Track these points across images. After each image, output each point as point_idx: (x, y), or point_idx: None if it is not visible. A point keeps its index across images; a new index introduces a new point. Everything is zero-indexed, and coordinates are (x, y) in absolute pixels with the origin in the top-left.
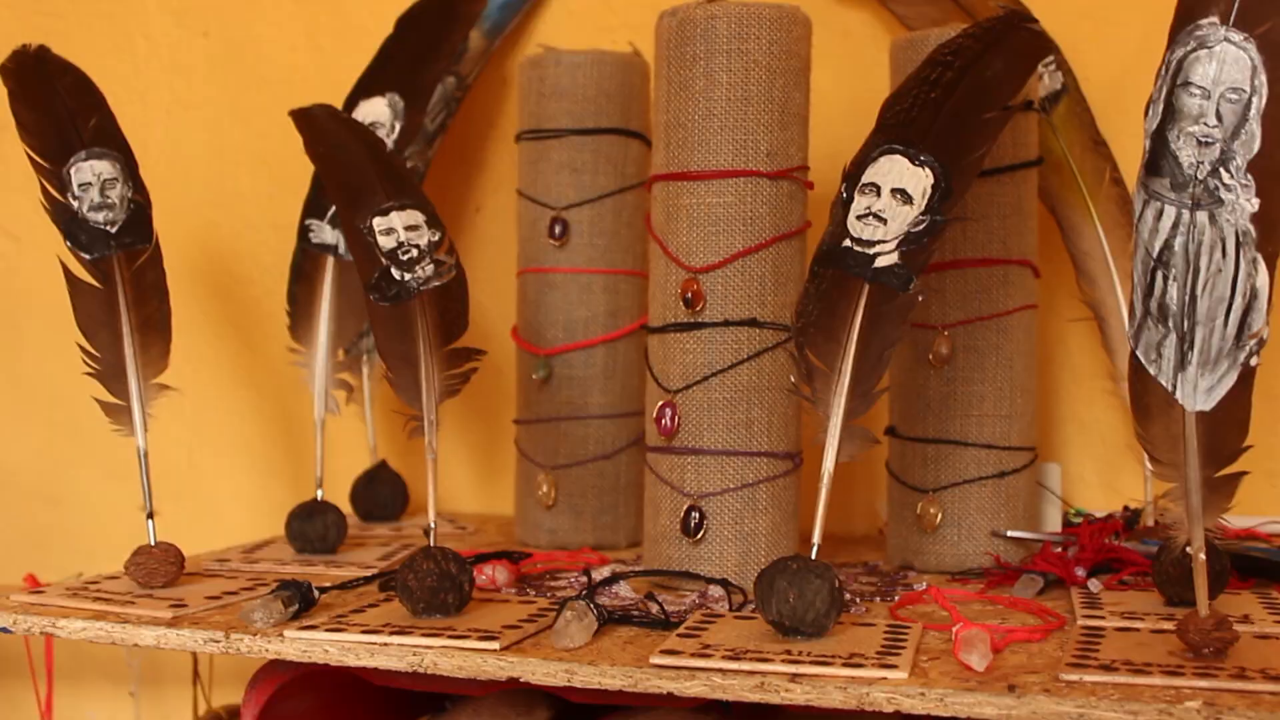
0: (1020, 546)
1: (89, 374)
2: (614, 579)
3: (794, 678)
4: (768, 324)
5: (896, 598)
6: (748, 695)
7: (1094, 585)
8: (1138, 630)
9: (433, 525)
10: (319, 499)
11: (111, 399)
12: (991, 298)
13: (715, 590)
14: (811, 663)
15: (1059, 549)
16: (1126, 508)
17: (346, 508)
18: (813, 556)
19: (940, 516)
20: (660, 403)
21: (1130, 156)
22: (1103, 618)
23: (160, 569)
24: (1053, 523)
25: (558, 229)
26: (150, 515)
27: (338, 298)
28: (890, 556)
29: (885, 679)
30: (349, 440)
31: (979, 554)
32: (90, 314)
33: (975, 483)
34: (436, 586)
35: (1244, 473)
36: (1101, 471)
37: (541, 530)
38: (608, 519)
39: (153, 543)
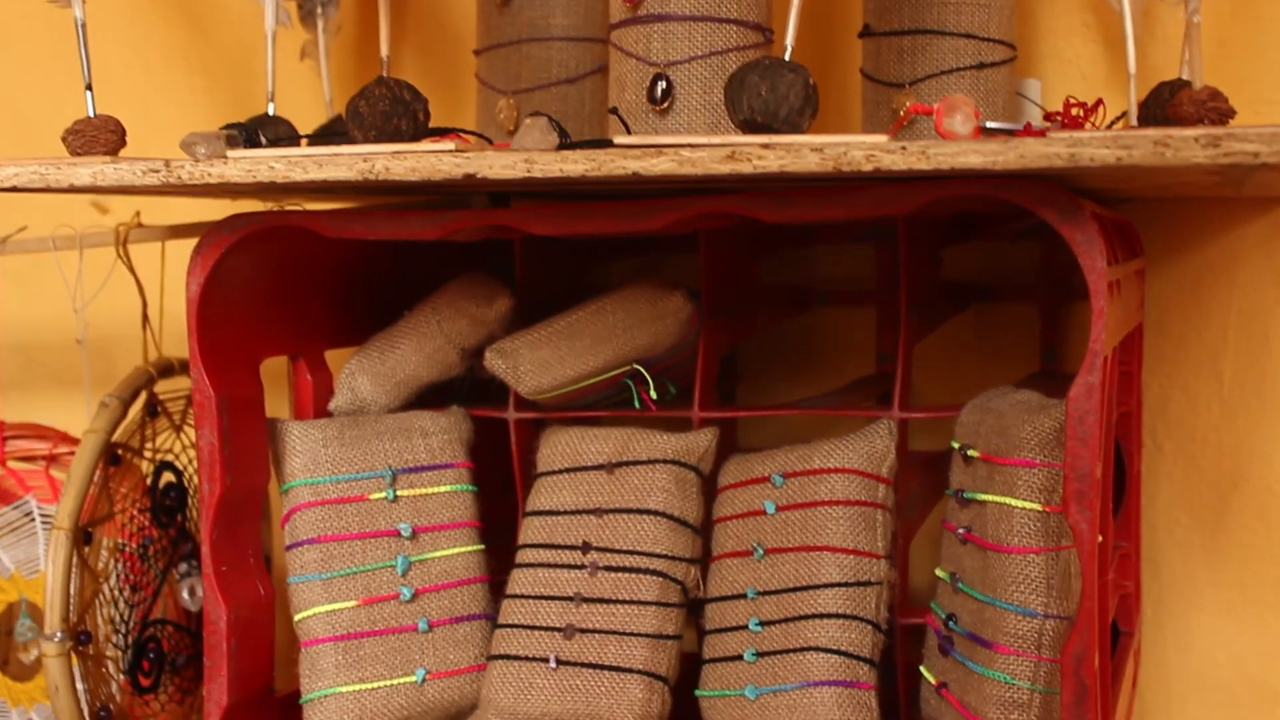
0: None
1: None
2: None
3: (766, 145)
4: None
5: None
6: (718, 167)
7: None
8: None
9: (384, 56)
10: (270, 113)
11: None
12: None
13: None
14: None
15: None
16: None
17: None
18: (786, 59)
19: None
20: None
21: None
22: None
23: (100, 137)
24: None
25: None
26: (89, 88)
27: None
28: None
29: (863, 141)
30: (306, 99)
31: None
32: None
33: (953, 74)
34: (389, 111)
35: None
36: None
37: None
38: None
39: (91, 114)
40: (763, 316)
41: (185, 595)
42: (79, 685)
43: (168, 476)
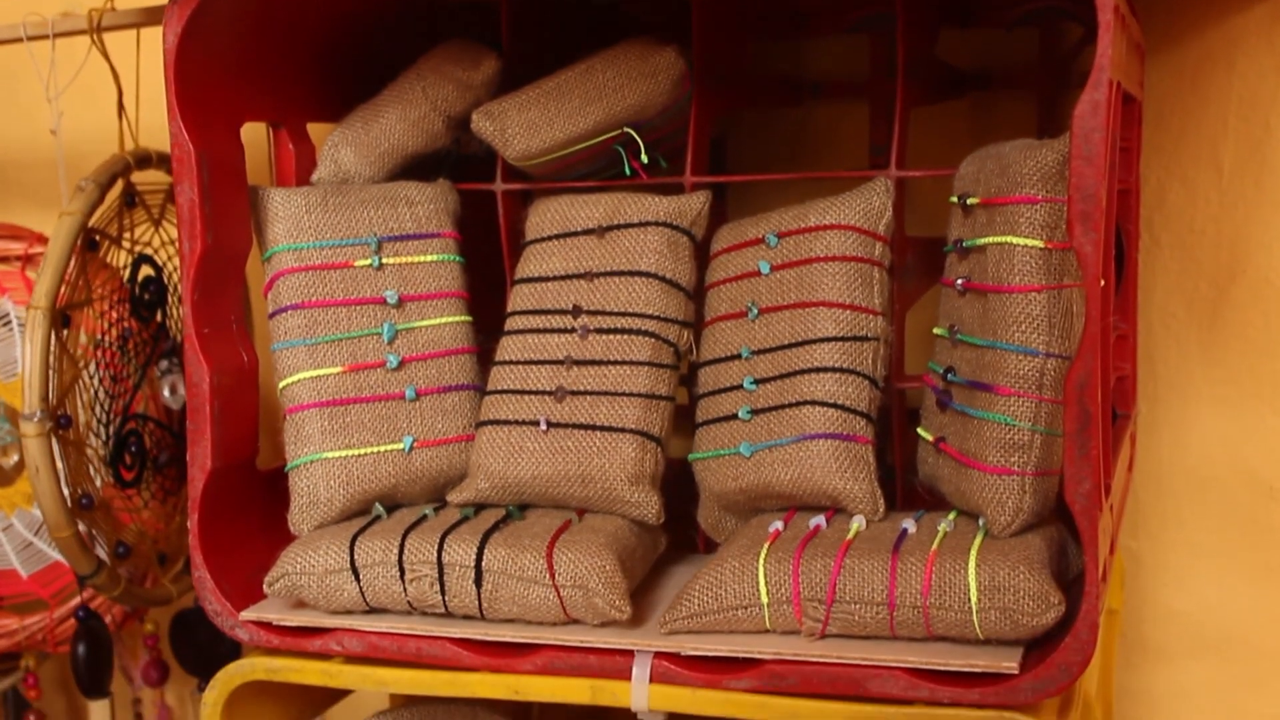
0: None
1: None
2: None
3: None
4: None
5: None
6: None
7: None
8: None
9: None
10: None
11: None
12: None
13: None
14: None
15: None
16: None
17: None
18: None
19: None
20: None
21: None
22: None
23: None
24: None
25: None
26: None
27: None
28: None
29: None
30: None
31: None
32: None
33: None
34: None
35: None
36: None
37: None
38: None
39: None
40: (754, 99)
41: (166, 392)
42: (60, 470)
43: (146, 270)
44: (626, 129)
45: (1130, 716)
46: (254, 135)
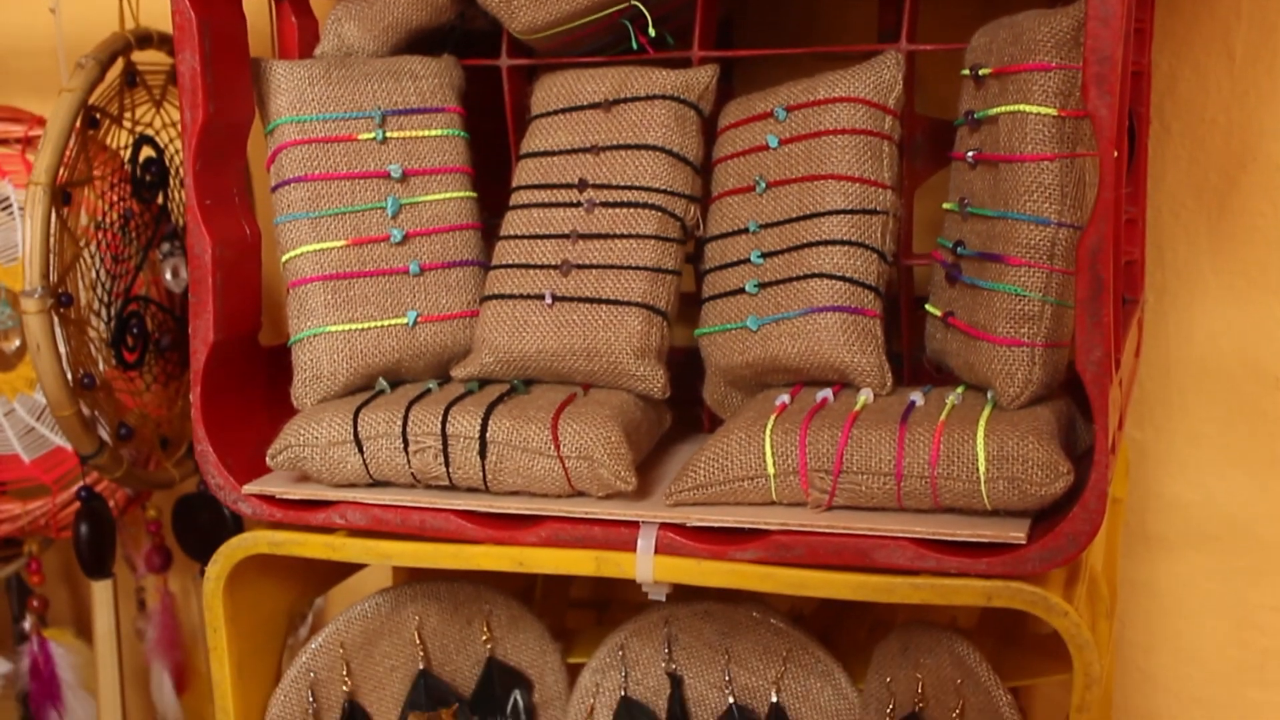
0: None
1: None
2: None
3: None
4: None
5: None
6: None
7: None
8: None
9: None
10: None
11: None
12: None
13: None
14: None
15: None
16: None
17: None
18: None
19: None
20: None
21: None
22: None
23: None
24: None
25: None
26: None
27: None
28: None
29: None
30: None
31: None
32: None
33: None
34: None
35: None
36: None
37: None
38: None
39: None
40: None
41: (168, 275)
42: (61, 348)
43: (147, 151)
44: (634, 2)
45: (1133, 606)
46: (256, 13)
